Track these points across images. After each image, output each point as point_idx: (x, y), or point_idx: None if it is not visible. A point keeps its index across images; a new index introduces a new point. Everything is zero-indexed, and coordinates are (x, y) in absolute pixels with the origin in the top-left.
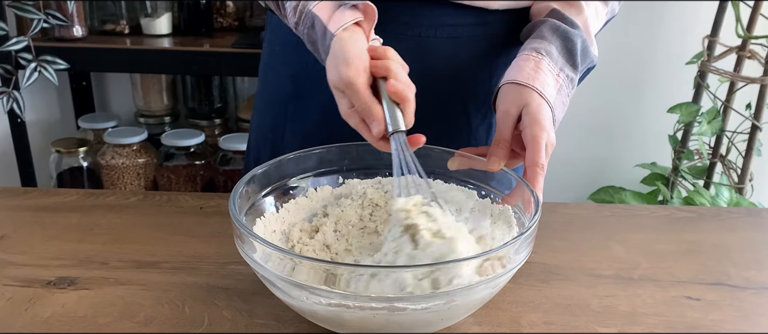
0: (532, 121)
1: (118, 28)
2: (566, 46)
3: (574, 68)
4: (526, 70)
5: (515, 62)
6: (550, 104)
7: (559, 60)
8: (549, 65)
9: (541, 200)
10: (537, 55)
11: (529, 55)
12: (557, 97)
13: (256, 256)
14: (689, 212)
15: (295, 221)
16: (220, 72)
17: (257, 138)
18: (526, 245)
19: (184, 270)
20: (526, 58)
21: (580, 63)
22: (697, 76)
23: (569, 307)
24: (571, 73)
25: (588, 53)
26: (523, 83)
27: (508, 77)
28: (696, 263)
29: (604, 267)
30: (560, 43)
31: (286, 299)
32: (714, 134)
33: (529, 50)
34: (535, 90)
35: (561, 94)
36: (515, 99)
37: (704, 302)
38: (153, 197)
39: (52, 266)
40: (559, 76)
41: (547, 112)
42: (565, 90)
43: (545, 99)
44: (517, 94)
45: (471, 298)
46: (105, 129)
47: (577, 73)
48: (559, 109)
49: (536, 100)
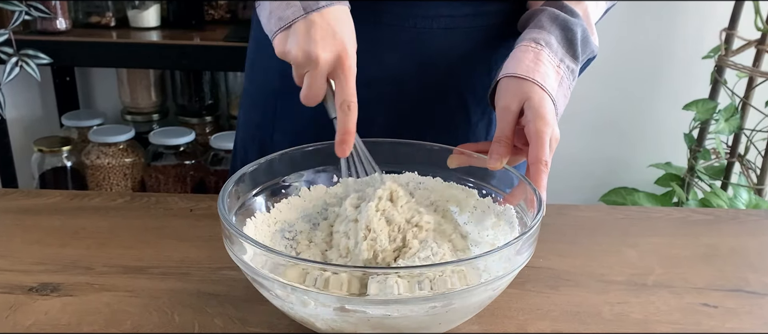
0: (535, 116)
1: (104, 20)
2: (566, 35)
3: (574, 59)
4: (526, 62)
5: (513, 54)
6: (552, 97)
7: (559, 50)
8: (549, 56)
9: (544, 198)
10: (536, 45)
11: (527, 46)
12: (559, 89)
13: (246, 257)
14: (706, 214)
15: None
16: (211, 67)
17: (244, 137)
18: (528, 245)
19: (173, 276)
20: (525, 50)
21: (581, 53)
22: (714, 72)
23: (579, 314)
24: (572, 63)
25: (588, 43)
26: (522, 76)
27: (506, 70)
28: (713, 268)
29: (615, 273)
30: (560, 32)
31: (280, 304)
32: (732, 132)
33: (528, 41)
34: (536, 83)
35: (563, 87)
36: (516, 93)
37: (722, 310)
38: (140, 198)
39: (34, 272)
40: (560, 68)
41: (549, 106)
42: (566, 82)
43: (547, 92)
44: (518, 88)
45: (470, 301)
46: (90, 127)
47: (577, 64)
48: (561, 101)
49: (538, 94)
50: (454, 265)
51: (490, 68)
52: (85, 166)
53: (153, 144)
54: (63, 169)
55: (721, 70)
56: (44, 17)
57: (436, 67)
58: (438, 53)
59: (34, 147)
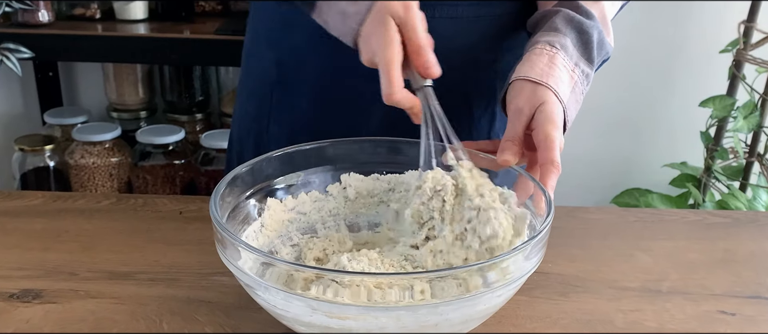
0: (545, 120)
1: (89, 12)
2: (582, 39)
3: (589, 63)
4: (540, 65)
5: (527, 57)
6: (563, 104)
7: (575, 54)
8: (564, 60)
9: (552, 199)
10: (551, 49)
11: (542, 49)
12: (571, 95)
13: (240, 263)
14: (723, 217)
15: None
16: (202, 61)
17: (240, 130)
18: (537, 250)
19: (161, 282)
20: (540, 53)
21: (596, 57)
22: (732, 66)
23: (590, 322)
24: (587, 67)
25: (604, 45)
26: (536, 80)
27: (519, 73)
28: (731, 273)
29: (628, 279)
30: (575, 35)
31: (275, 311)
32: (751, 131)
33: (543, 43)
34: (550, 88)
35: (575, 92)
36: (529, 97)
37: (740, 318)
38: (127, 200)
39: (14, 278)
40: (574, 72)
41: (559, 111)
42: (579, 87)
43: (559, 98)
44: (532, 92)
45: (475, 308)
46: (74, 125)
47: (592, 68)
48: (572, 108)
49: (552, 99)
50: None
51: (494, 60)
52: (68, 166)
53: (140, 143)
54: (45, 169)
55: (739, 64)
56: (25, 9)
57: (438, 57)
58: (440, 43)
59: (15, 146)
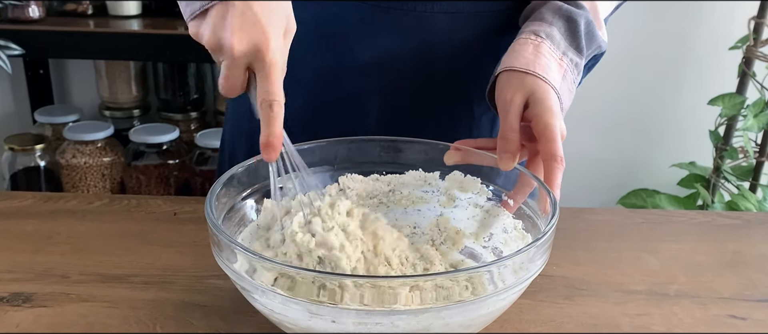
0: (542, 109)
1: (80, 8)
2: (569, 27)
3: (578, 52)
4: (525, 54)
5: (512, 47)
6: (555, 90)
7: (562, 43)
8: (550, 48)
9: (558, 199)
10: (536, 38)
11: (526, 39)
12: (563, 83)
13: (236, 266)
14: (733, 218)
15: None
16: (196, 59)
17: (232, 128)
18: (541, 252)
19: (155, 285)
20: (524, 42)
21: (586, 47)
22: (742, 64)
23: (596, 327)
24: (576, 57)
25: (594, 37)
26: (522, 69)
27: (504, 64)
28: (741, 276)
29: (635, 282)
30: (563, 24)
31: (272, 315)
32: (761, 129)
33: (527, 33)
34: (538, 76)
35: (566, 80)
36: (518, 87)
37: (751, 322)
38: (120, 201)
39: (4, 281)
40: (563, 61)
41: (554, 98)
42: (570, 76)
43: (550, 84)
44: (520, 82)
45: (477, 312)
46: (65, 124)
47: (582, 58)
48: (566, 96)
49: (542, 86)
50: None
51: (496, 56)
52: (59, 166)
53: (133, 142)
54: (36, 169)
55: (749, 61)
56: (16, 4)
57: (437, 54)
58: (439, 39)
59: (5, 145)
